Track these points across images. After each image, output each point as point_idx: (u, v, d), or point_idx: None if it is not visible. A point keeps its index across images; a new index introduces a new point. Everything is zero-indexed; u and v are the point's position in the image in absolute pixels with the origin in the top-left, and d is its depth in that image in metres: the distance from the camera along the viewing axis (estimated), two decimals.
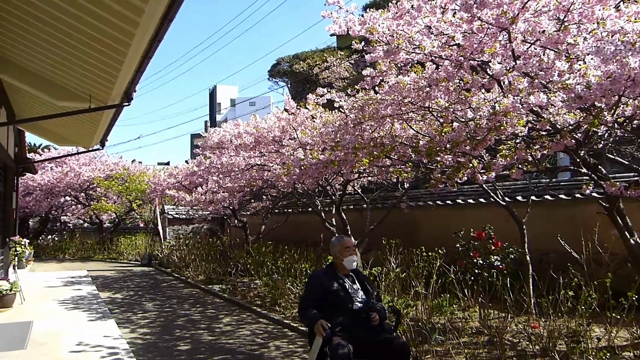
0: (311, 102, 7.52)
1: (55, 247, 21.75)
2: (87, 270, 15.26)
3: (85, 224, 25.08)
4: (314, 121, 7.79)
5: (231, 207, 13.26)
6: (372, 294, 4.16)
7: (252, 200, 13.71)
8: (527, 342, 5.02)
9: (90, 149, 11.76)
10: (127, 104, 6.80)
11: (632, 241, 5.22)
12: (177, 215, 19.26)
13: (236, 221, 13.96)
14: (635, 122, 4.36)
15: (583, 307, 4.28)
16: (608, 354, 3.65)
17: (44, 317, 8.11)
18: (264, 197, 13.43)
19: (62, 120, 8.74)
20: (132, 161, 22.21)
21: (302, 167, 6.51)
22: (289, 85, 28.72)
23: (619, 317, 3.85)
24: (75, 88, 6.91)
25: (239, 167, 9.41)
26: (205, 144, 10.51)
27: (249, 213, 15.09)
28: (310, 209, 11.80)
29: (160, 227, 17.48)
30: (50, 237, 23.80)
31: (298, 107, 8.14)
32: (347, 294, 4.01)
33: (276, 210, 14.59)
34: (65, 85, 6.92)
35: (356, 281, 4.20)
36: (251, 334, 7.12)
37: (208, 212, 14.80)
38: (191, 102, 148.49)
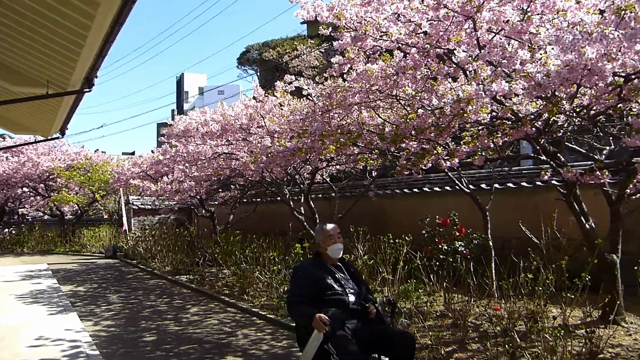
0: (279, 89, 7.49)
1: (12, 241, 20.96)
2: (48, 264, 14.83)
3: (46, 216, 24.39)
4: (282, 109, 7.77)
5: (198, 197, 13.13)
6: (363, 284, 3.91)
7: (220, 190, 13.60)
8: (489, 324, 5.18)
9: (49, 137, 11.36)
10: (88, 90, 6.60)
11: (587, 226, 5.44)
12: (142, 206, 18.94)
13: (204, 211, 13.84)
14: (592, 111, 4.52)
15: (541, 289, 4.43)
16: (563, 332, 3.79)
17: (0, 312, 7.89)
18: (232, 186, 13.34)
19: (17, 107, 8.41)
20: (95, 151, 21.69)
21: (270, 155, 6.50)
22: (259, 74, 28.50)
23: (573, 297, 4.01)
24: (31, 72, 6.66)
25: (206, 155, 9.31)
26: (171, 132, 10.35)
27: (216, 203, 14.97)
28: (278, 198, 11.79)
29: (125, 218, 17.16)
30: (7, 230, 22.98)
31: (266, 94, 8.10)
32: (340, 286, 3.69)
33: (244, 200, 14.52)
34: (21, 70, 6.67)
35: (345, 271, 3.89)
36: (219, 323, 7.10)
37: (175, 202, 14.60)
38: (157, 90, 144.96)
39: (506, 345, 4.58)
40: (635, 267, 4.53)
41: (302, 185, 10.22)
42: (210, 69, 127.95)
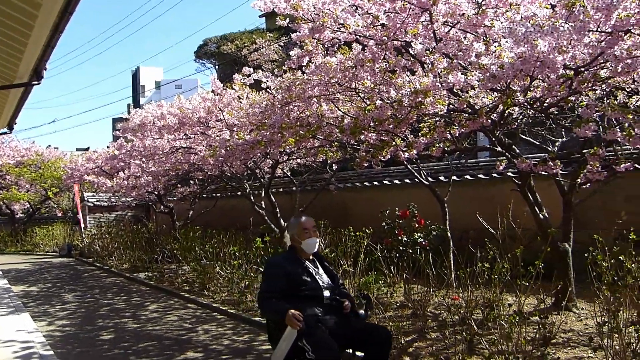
0: (238, 82, 7.38)
1: None
2: None
3: None
4: (240, 102, 7.66)
5: (156, 193, 12.86)
6: (337, 279, 3.83)
7: (179, 185, 13.35)
8: (448, 313, 5.28)
9: None
10: (37, 82, 6.34)
11: (541, 216, 5.60)
12: (98, 203, 18.36)
13: (162, 207, 13.56)
14: (545, 103, 4.65)
15: (497, 278, 4.54)
16: (518, 318, 3.90)
17: None
18: (191, 181, 13.11)
19: None
20: (47, 147, 20.86)
21: (229, 148, 6.40)
22: (217, 67, 28.08)
23: (527, 284, 4.12)
24: None
25: (163, 150, 9.10)
26: (127, 127, 10.05)
27: (175, 198, 14.68)
28: (239, 193, 11.68)
29: (80, 216, 16.62)
30: None
31: (224, 87, 7.97)
32: (314, 281, 3.58)
33: (204, 195, 14.30)
34: None
35: (319, 265, 3.78)
36: (179, 319, 6.97)
37: (132, 198, 14.26)
38: (113, 84, 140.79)
39: (464, 333, 4.67)
40: (586, 255, 4.70)
41: (262, 180, 10.14)
42: (167, 63, 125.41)
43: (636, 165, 6.60)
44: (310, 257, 3.76)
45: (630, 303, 4.14)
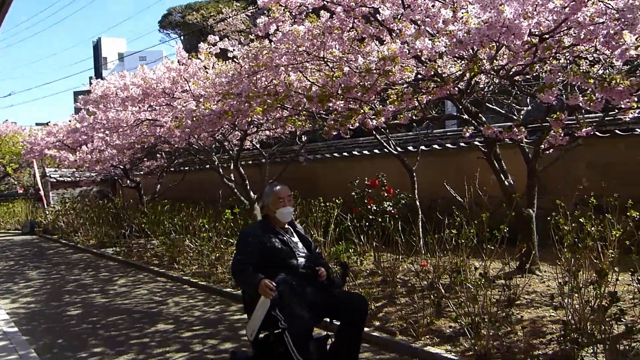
0: (203, 51, 7.20)
1: None
2: None
3: None
4: (207, 72, 7.48)
5: (122, 167, 12.59)
6: (313, 247, 3.79)
7: (146, 159, 13.09)
8: (416, 279, 5.39)
9: None
10: None
11: (506, 183, 5.73)
12: (61, 178, 17.86)
13: (129, 181, 13.30)
14: (511, 71, 4.70)
15: (464, 243, 4.65)
16: (483, 281, 4.01)
17: None
18: (158, 155, 12.87)
19: None
20: (5, 121, 20.09)
21: (195, 119, 6.27)
22: (182, 38, 27.32)
23: (492, 248, 4.23)
24: None
25: (128, 122, 8.84)
26: (88, 98, 9.71)
27: (142, 173, 14.42)
28: (207, 166, 11.53)
29: (42, 192, 16.16)
30: None
31: (190, 57, 7.76)
32: (289, 250, 3.55)
33: (172, 169, 14.09)
34: None
35: (294, 234, 3.74)
36: (149, 292, 6.92)
37: (96, 173, 13.93)
38: (73, 56, 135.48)
39: (432, 297, 4.80)
40: (549, 219, 4.85)
41: (231, 152, 10.02)
42: (130, 34, 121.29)
43: (597, 132, 6.80)
44: (285, 226, 3.72)
45: (589, 264, 4.30)
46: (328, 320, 3.60)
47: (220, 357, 4.33)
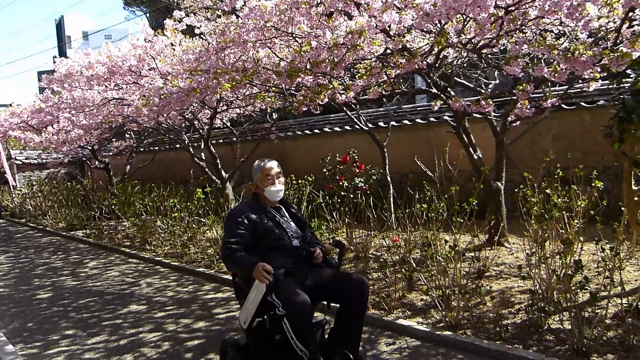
0: (170, 28, 7.00)
1: None
2: None
3: None
4: (174, 49, 7.29)
5: (90, 147, 12.30)
6: (307, 226, 3.52)
7: (114, 139, 12.81)
8: (388, 254, 5.45)
9: None
10: None
11: (475, 156, 5.80)
12: (27, 160, 17.36)
13: (97, 162, 13.01)
14: (479, 45, 4.71)
15: (434, 217, 4.70)
16: (453, 254, 4.08)
17: None
18: (126, 135, 12.60)
19: None
20: None
21: (163, 97, 6.13)
22: (148, 15, 26.56)
23: (462, 221, 4.29)
24: None
25: (94, 101, 8.59)
26: (52, 77, 9.39)
27: (111, 153, 14.13)
28: (178, 146, 11.36)
29: (8, 175, 15.70)
30: None
31: (156, 35, 7.54)
32: (282, 230, 3.29)
33: (141, 149, 13.82)
34: None
35: (286, 213, 3.47)
36: (120, 274, 6.84)
37: (63, 155, 13.57)
38: (35, 35, 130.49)
39: (404, 271, 4.86)
40: (517, 191, 4.94)
41: (201, 131, 9.88)
42: (94, 10, 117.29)
43: (562, 105, 6.91)
44: (277, 205, 3.46)
45: (556, 234, 4.41)
46: (325, 303, 3.38)
47: (194, 336, 4.32)
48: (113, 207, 10.14)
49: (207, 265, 6.58)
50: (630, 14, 3.78)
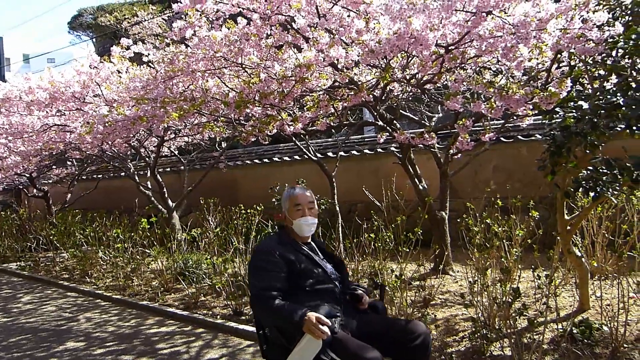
0: (116, 55, 6.89)
1: None
2: None
3: None
4: (120, 76, 7.18)
5: (27, 175, 11.77)
6: (344, 266, 3.05)
7: (54, 167, 12.32)
8: None
9: None
10: None
11: (420, 187, 5.97)
12: None
13: (35, 191, 12.45)
14: (422, 80, 4.92)
15: (381, 246, 4.78)
16: (399, 281, 4.15)
17: None
18: (68, 162, 12.15)
19: None
20: None
21: (107, 124, 5.99)
22: (94, 41, 26.06)
23: (408, 250, 4.39)
24: None
25: (34, 127, 8.28)
26: None
27: (51, 181, 13.56)
28: (123, 174, 11.06)
29: None
30: None
31: (102, 61, 7.41)
32: (323, 272, 2.81)
33: (84, 177, 13.37)
34: None
35: (317, 250, 2.98)
36: (57, 309, 6.50)
37: None
38: None
39: None
40: (460, 220, 5.11)
41: (148, 159, 9.68)
42: (36, 33, 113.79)
43: (502, 138, 7.26)
44: (308, 241, 2.97)
45: (496, 262, 4.58)
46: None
47: None
48: (51, 237, 9.69)
49: (151, 297, 6.37)
50: (559, 55, 4.07)
